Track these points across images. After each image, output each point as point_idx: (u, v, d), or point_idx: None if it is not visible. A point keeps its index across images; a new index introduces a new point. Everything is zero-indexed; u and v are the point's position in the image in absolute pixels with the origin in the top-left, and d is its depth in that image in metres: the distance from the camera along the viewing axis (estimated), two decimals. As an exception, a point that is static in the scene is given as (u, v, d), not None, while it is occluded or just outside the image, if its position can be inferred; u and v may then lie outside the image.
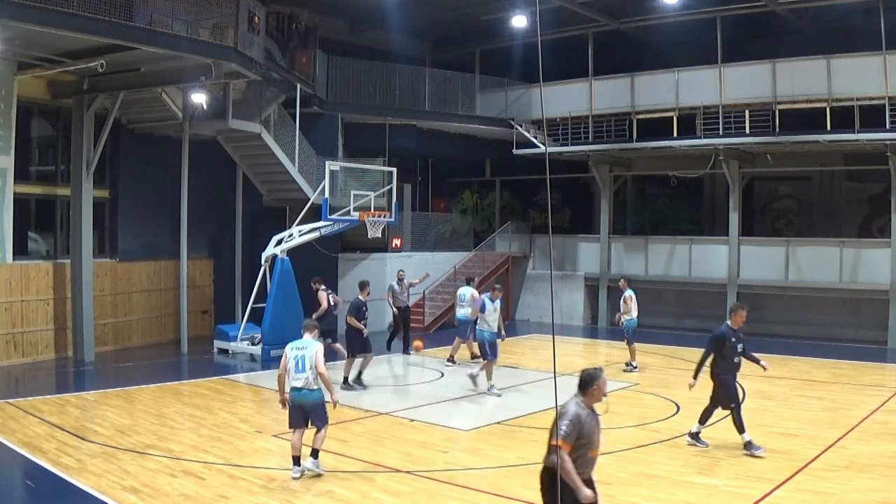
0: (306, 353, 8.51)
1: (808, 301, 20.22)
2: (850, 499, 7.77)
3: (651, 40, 22.52)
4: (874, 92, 17.47)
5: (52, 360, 16.30)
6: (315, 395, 8.49)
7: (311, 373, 8.43)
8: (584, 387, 5.59)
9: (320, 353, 8.55)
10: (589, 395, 5.57)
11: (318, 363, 8.43)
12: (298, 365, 8.48)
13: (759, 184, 23.72)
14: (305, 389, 8.45)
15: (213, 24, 15.20)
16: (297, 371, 8.48)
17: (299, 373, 8.47)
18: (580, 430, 5.36)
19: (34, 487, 8.42)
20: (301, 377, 8.45)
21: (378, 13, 21.75)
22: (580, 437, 5.37)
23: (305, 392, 8.45)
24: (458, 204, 27.06)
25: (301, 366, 8.47)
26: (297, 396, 8.49)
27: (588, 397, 5.57)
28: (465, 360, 15.90)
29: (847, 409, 11.83)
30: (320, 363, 8.45)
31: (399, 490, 8.21)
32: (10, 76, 15.56)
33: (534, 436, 10.47)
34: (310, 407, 8.50)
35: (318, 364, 8.42)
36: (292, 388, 8.52)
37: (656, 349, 17.36)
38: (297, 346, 8.63)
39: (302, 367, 8.46)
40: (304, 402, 8.49)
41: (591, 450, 5.49)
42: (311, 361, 8.44)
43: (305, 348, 8.57)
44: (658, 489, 8.14)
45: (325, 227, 17.20)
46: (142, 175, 18.72)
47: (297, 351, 8.58)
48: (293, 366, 8.52)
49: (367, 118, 22.25)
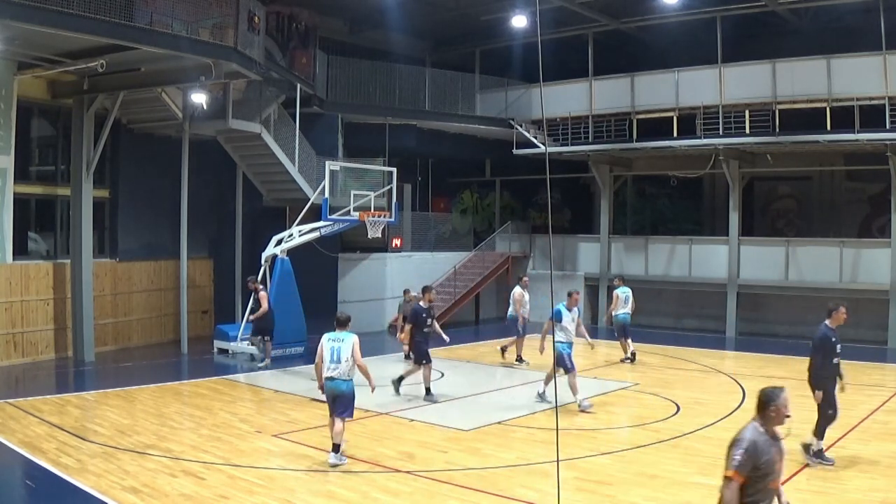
0: (343, 346, 8.93)
1: (808, 301, 20.18)
2: (850, 499, 7.77)
3: (651, 40, 22.52)
4: (874, 92, 17.47)
5: (52, 360, 16.30)
6: (345, 386, 8.93)
7: (345, 364, 8.86)
8: (762, 408, 4.96)
9: (357, 346, 8.93)
10: (766, 417, 4.94)
11: (355, 355, 8.89)
12: (333, 356, 8.92)
13: (759, 184, 23.72)
14: (339, 380, 8.89)
15: (213, 24, 15.21)
16: (332, 361, 8.91)
17: (333, 363, 8.90)
18: (756, 459, 4.78)
19: (34, 487, 8.42)
20: (335, 367, 8.88)
21: (378, 13, 21.74)
22: (757, 467, 4.78)
23: (338, 382, 8.90)
24: (458, 204, 27.06)
25: (336, 357, 8.90)
26: (331, 385, 8.94)
27: (766, 420, 4.94)
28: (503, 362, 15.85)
29: (847, 409, 11.77)
30: (358, 355, 8.90)
31: (399, 490, 8.20)
32: (10, 76, 15.57)
33: (534, 436, 10.49)
34: (339, 396, 8.92)
35: (355, 355, 8.89)
36: (326, 378, 8.96)
37: (656, 349, 17.36)
38: (334, 338, 9.03)
39: (337, 359, 8.89)
40: (335, 391, 8.93)
41: (771, 480, 4.91)
42: (347, 353, 8.88)
43: (343, 341, 8.98)
44: (658, 489, 8.14)
45: (325, 227, 17.20)
46: (142, 175, 18.73)
47: (333, 343, 8.99)
48: (328, 356, 8.94)
49: (367, 118, 22.26)
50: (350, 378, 8.94)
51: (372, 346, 19.61)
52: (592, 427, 10.92)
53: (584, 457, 9.26)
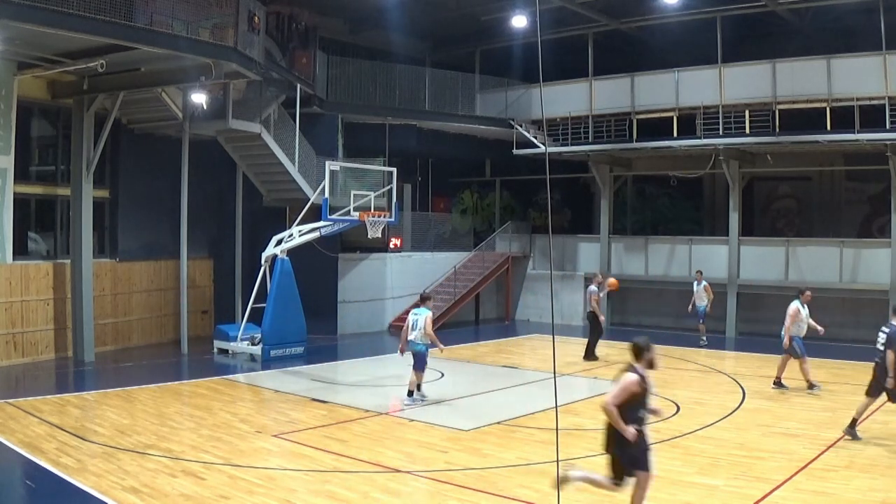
0: (419, 318, 12.03)
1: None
2: (850, 499, 7.77)
3: (651, 40, 22.52)
4: (874, 92, 17.47)
5: (52, 360, 16.31)
6: (419, 347, 12.08)
7: (419, 332, 11.98)
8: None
9: (429, 319, 12.01)
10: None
11: (427, 325, 11.93)
12: (414, 325, 12.04)
13: (759, 184, 23.72)
14: (414, 343, 12.09)
15: (213, 24, 15.20)
16: (413, 329, 12.07)
17: (413, 331, 12.07)
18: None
19: (34, 487, 8.42)
20: (414, 333, 12.06)
21: (378, 13, 21.74)
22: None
23: (414, 344, 12.11)
24: (458, 204, 27.06)
25: (415, 325, 12.05)
26: (411, 346, 12.16)
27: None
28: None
29: (847, 409, 11.78)
30: (428, 326, 11.95)
31: (399, 490, 8.21)
32: (10, 76, 15.57)
33: (534, 436, 10.49)
34: (415, 354, 12.15)
35: (427, 326, 11.92)
36: (409, 341, 12.13)
37: (656, 349, 17.34)
38: (415, 312, 12.21)
39: (415, 327, 12.05)
40: (413, 350, 12.14)
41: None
42: (422, 324, 11.95)
43: (419, 315, 12.08)
44: (658, 489, 8.11)
45: (325, 227, 17.19)
46: (142, 175, 18.72)
47: (414, 316, 12.15)
48: (411, 325, 12.09)
49: (367, 118, 22.25)
50: (422, 343, 11.98)
51: (372, 346, 19.70)
52: (592, 427, 10.91)
53: (584, 457, 9.25)
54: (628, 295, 22.60)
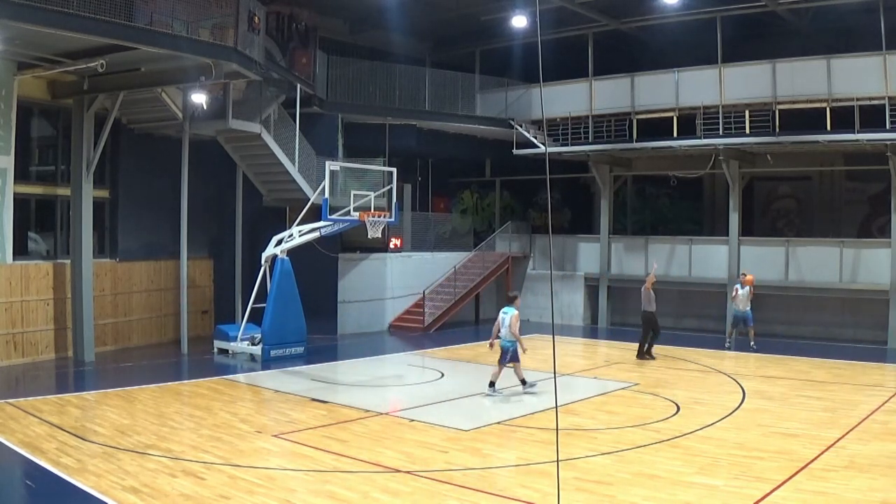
0: (506, 317, 12.81)
1: (808, 301, 20.21)
2: (850, 499, 7.76)
3: (651, 40, 22.52)
4: (874, 92, 17.47)
5: (52, 360, 16.30)
6: (506, 344, 12.82)
7: (506, 329, 12.78)
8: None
9: (514, 318, 12.75)
10: None
11: (512, 325, 12.69)
12: (502, 323, 12.88)
13: (759, 184, 23.72)
14: (503, 340, 12.88)
15: (213, 24, 15.20)
16: (502, 327, 12.91)
17: (502, 328, 12.89)
18: None
19: (34, 487, 8.42)
20: (503, 331, 12.89)
21: (378, 13, 21.74)
22: None
23: (503, 340, 12.89)
24: (458, 204, 27.04)
25: (504, 323, 12.86)
26: (501, 342, 12.95)
27: None
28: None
29: (847, 409, 11.83)
30: (514, 325, 12.70)
31: (399, 490, 8.20)
32: (10, 76, 15.57)
33: (534, 436, 10.49)
34: (502, 349, 12.89)
35: (512, 325, 12.69)
36: (499, 337, 13.01)
37: (656, 349, 17.33)
38: (504, 312, 13.01)
39: (504, 325, 12.86)
40: (502, 346, 12.91)
41: None
42: (508, 322, 12.73)
43: (507, 314, 12.86)
44: (658, 489, 8.13)
45: (325, 227, 17.18)
46: (142, 175, 18.72)
47: (503, 315, 12.96)
48: (501, 322, 12.94)
49: (367, 118, 22.25)
50: (509, 339, 12.71)
51: (372, 346, 19.71)
52: (592, 427, 10.93)
53: (584, 457, 9.26)
54: (628, 295, 22.57)
